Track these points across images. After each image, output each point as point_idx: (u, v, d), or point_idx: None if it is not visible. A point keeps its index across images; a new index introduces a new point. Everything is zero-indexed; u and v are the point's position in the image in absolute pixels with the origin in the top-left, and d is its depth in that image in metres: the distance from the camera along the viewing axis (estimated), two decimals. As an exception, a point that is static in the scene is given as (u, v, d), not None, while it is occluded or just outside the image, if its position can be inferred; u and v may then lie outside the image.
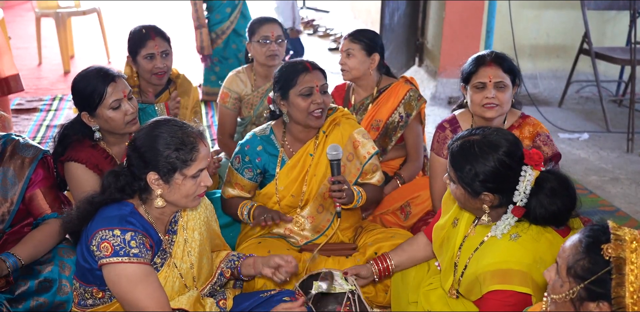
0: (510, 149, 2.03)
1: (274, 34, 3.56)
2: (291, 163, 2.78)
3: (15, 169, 2.48)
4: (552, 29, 6.04)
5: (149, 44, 3.24)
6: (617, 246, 1.49)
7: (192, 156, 2.04)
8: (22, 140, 2.56)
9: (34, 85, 6.20)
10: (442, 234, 2.33)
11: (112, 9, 9.37)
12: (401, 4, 6.02)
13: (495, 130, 2.09)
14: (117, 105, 2.56)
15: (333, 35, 8.09)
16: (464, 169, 2.04)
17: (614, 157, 4.71)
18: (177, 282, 2.19)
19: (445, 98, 5.74)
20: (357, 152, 2.81)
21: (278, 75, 2.72)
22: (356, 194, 2.73)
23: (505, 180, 2.03)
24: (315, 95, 2.65)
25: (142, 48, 3.23)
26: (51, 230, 2.47)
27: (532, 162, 2.03)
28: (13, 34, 7.49)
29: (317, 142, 2.78)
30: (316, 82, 2.65)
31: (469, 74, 2.76)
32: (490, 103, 2.70)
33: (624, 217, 3.76)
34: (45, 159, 2.57)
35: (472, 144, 2.04)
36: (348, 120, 2.85)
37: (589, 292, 1.51)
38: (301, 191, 2.78)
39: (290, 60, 2.76)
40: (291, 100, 2.66)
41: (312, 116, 2.67)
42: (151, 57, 3.25)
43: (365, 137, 2.82)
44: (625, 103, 5.69)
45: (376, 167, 2.87)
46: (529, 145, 2.73)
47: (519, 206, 2.03)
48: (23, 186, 2.48)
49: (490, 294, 2.01)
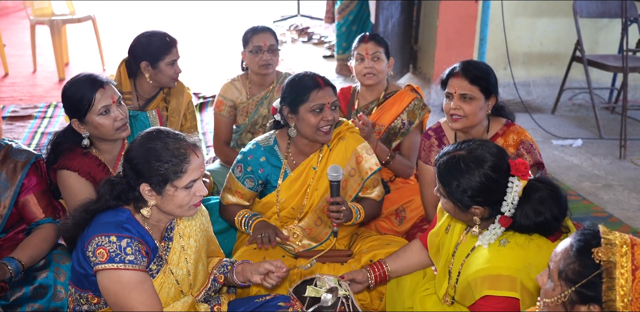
0: (496, 162, 2.05)
1: (266, 44, 3.58)
2: (294, 176, 2.76)
3: (8, 173, 2.50)
4: (545, 37, 6.08)
5: (174, 50, 3.32)
6: (607, 250, 1.50)
7: (182, 168, 2.04)
8: (15, 145, 2.58)
9: (29, 93, 6.20)
10: (436, 241, 2.35)
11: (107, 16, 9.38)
12: (395, 11, 6.05)
13: (481, 144, 2.10)
14: (105, 111, 2.57)
15: (327, 43, 8.11)
16: (452, 185, 2.06)
17: (607, 164, 4.74)
18: (173, 289, 2.19)
19: (439, 105, 5.73)
20: (360, 167, 2.80)
21: (288, 89, 2.69)
22: (354, 212, 2.73)
23: (493, 193, 2.05)
24: (326, 112, 2.63)
25: (168, 55, 3.30)
26: (46, 234, 2.49)
27: (518, 173, 2.05)
28: (8, 42, 7.50)
29: (321, 156, 2.77)
30: (328, 99, 2.63)
31: (442, 83, 2.80)
32: (455, 114, 2.73)
33: (616, 223, 3.78)
34: (38, 163, 2.59)
35: (457, 159, 2.06)
36: (352, 134, 2.84)
37: (580, 296, 1.53)
38: (302, 204, 2.77)
39: (300, 73, 2.73)
40: (301, 115, 2.64)
41: (320, 132, 2.65)
42: (173, 63, 3.32)
43: (369, 153, 2.81)
44: (617, 110, 5.72)
45: (377, 182, 2.87)
46: (513, 153, 2.75)
47: (506, 216, 2.05)
48: (15, 190, 2.50)
49: (482, 300, 2.03)
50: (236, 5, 10.61)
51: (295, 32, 8.83)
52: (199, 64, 7.37)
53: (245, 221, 2.74)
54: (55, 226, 2.55)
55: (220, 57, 7.66)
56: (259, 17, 9.14)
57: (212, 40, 8.54)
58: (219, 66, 7.18)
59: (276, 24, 9.21)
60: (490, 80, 2.76)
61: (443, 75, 2.80)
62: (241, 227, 2.76)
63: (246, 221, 2.73)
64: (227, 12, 10.34)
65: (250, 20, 8.07)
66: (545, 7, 5.93)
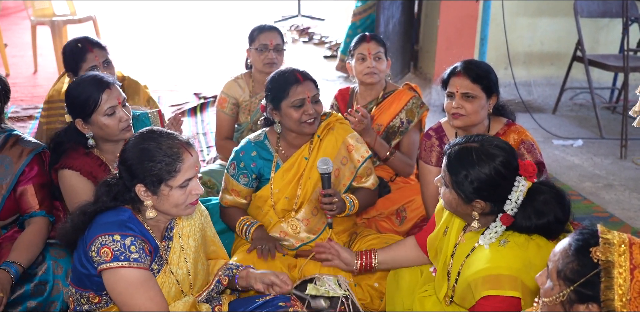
0: (507, 159, 2.05)
1: (272, 43, 3.58)
2: (286, 166, 2.80)
3: (13, 158, 2.57)
4: (546, 37, 6.08)
5: (89, 56, 3.29)
6: (605, 249, 1.51)
7: (176, 167, 2.05)
8: (25, 136, 2.67)
9: (30, 93, 6.21)
10: (435, 244, 2.36)
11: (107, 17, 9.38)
12: (396, 12, 6.05)
13: (494, 139, 2.12)
14: (111, 112, 2.58)
15: (328, 43, 8.12)
16: (460, 175, 2.06)
17: (608, 164, 4.74)
18: (174, 288, 2.20)
19: (440, 105, 5.75)
20: (351, 156, 2.84)
21: (269, 86, 2.76)
22: (348, 202, 2.76)
23: (499, 189, 2.05)
24: (307, 106, 2.68)
25: (84, 62, 3.28)
26: (39, 229, 2.54)
27: (526, 173, 2.06)
28: (9, 42, 7.50)
29: (312, 146, 2.81)
30: (307, 93, 2.69)
31: (443, 83, 2.81)
32: (457, 113, 2.74)
33: (617, 223, 3.78)
34: (43, 154, 2.64)
35: (470, 150, 2.07)
36: (342, 125, 2.88)
37: (579, 295, 1.53)
38: (296, 194, 2.80)
39: (281, 69, 2.80)
40: (283, 111, 2.70)
41: (305, 124, 2.71)
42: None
43: (359, 142, 2.86)
44: (618, 110, 5.72)
45: (370, 171, 2.90)
46: None
47: (508, 214, 2.06)
48: (17, 173, 2.55)
49: (483, 300, 2.03)
50: (237, 6, 10.61)
51: (296, 32, 8.84)
52: (199, 64, 7.37)
53: (247, 228, 2.77)
54: (47, 219, 2.60)
55: (220, 57, 7.66)
56: (259, 18, 9.13)
57: (213, 41, 8.54)
58: (219, 66, 7.17)
59: (277, 24, 9.21)
60: (492, 79, 2.77)
61: (444, 74, 2.81)
62: (242, 234, 2.80)
63: (247, 229, 2.77)
64: (227, 12, 10.33)
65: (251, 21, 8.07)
66: (546, 7, 5.93)
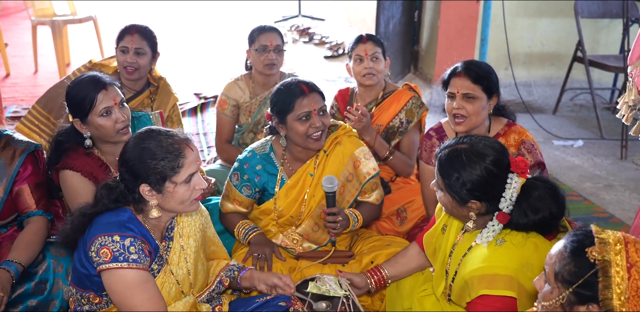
0: (497, 157, 2.06)
1: (272, 43, 3.57)
2: (291, 183, 2.73)
3: (7, 160, 2.56)
4: (546, 37, 6.08)
5: (127, 38, 3.40)
6: (601, 249, 1.51)
7: (179, 163, 2.05)
8: (15, 135, 2.66)
9: (30, 93, 6.20)
10: (433, 242, 2.36)
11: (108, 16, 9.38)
12: (396, 12, 6.05)
13: (483, 138, 2.12)
14: (107, 112, 2.58)
15: (329, 43, 8.12)
16: (452, 177, 2.06)
17: (608, 164, 4.74)
18: (174, 288, 2.20)
19: (440, 105, 5.68)
20: (358, 172, 2.76)
21: (274, 99, 2.65)
22: (352, 219, 2.70)
23: (492, 188, 2.06)
24: (314, 119, 2.57)
25: (120, 41, 3.42)
26: (38, 228, 2.54)
27: (518, 169, 2.06)
28: (9, 42, 7.50)
29: (318, 162, 2.73)
30: (314, 106, 2.57)
31: (443, 83, 2.80)
32: (458, 114, 2.73)
33: (618, 224, 3.78)
34: (37, 153, 2.63)
35: (459, 152, 2.07)
36: (350, 138, 2.78)
37: (578, 296, 1.53)
38: (300, 212, 2.75)
39: (286, 81, 2.68)
40: (289, 124, 2.59)
41: (311, 139, 2.61)
42: (124, 51, 3.41)
43: (367, 157, 2.76)
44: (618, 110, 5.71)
45: (375, 186, 2.83)
46: (514, 153, 2.75)
47: (504, 212, 2.06)
48: (12, 174, 2.55)
49: (478, 299, 2.04)
50: (237, 6, 10.61)
51: (297, 32, 8.83)
52: (200, 64, 7.37)
53: (245, 233, 2.74)
54: (45, 218, 2.60)
55: (221, 57, 7.65)
56: (260, 18, 9.13)
57: (213, 41, 8.54)
58: (219, 67, 7.18)
59: (277, 24, 9.21)
60: (492, 80, 2.76)
61: (445, 75, 2.80)
62: (239, 239, 2.77)
63: (245, 233, 2.74)
64: (228, 12, 10.33)
65: (251, 21, 8.07)
66: (546, 8, 5.93)
